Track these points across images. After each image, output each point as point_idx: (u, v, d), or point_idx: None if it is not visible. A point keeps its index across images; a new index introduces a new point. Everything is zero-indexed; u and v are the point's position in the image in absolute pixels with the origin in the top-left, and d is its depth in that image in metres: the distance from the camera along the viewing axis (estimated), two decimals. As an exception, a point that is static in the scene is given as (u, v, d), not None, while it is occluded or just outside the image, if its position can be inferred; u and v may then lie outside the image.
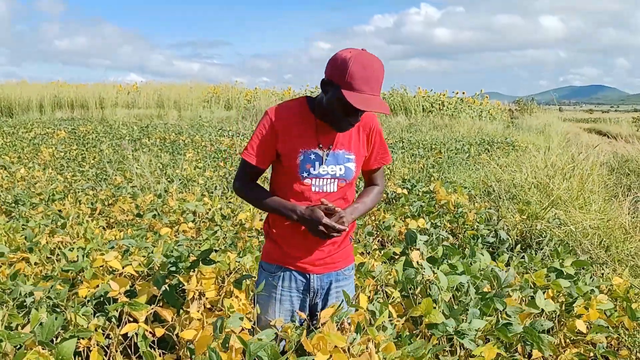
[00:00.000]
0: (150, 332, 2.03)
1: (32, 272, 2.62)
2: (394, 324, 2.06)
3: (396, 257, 3.30)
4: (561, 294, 2.60)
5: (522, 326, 2.14)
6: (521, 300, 2.52)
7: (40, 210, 4.36)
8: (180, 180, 6.46)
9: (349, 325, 1.90)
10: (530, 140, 13.08)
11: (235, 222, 4.11)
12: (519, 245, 3.99)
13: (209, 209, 4.34)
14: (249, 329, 1.99)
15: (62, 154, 9.00)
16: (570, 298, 2.55)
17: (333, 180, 1.90)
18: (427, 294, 2.26)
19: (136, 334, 1.98)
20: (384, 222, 4.06)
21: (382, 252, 3.20)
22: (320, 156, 1.87)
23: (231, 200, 5.22)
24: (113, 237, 3.40)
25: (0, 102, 21.16)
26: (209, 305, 2.31)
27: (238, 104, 24.34)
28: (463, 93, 23.40)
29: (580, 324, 2.38)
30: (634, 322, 2.52)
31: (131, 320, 2.04)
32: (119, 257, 2.52)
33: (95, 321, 2.01)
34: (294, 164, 1.86)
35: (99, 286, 2.26)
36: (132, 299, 2.09)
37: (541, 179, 5.68)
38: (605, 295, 2.62)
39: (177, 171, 7.22)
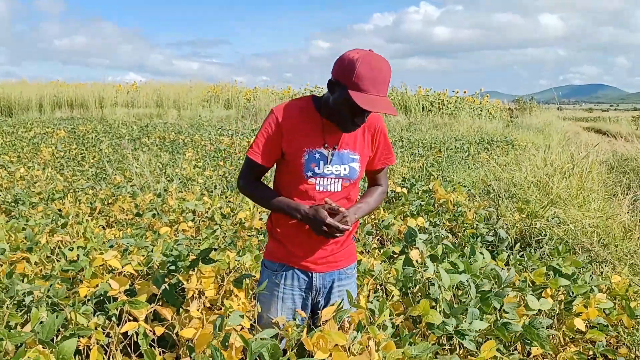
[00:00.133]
0: (150, 331, 2.04)
1: (33, 272, 2.62)
2: (393, 322, 2.07)
3: (395, 256, 3.31)
4: (560, 292, 2.60)
5: (522, 325, 2.14)
6: (520, 299, 2.52)
7: (40, 209, 4.36)
8: (179, 179, 6.46)
9: (350, 324, 1.91)
10: (529, 139, 13.09)
11: (235, 221, 4.11)
12: (518, 244, 4.00)
13: (209, 208, 4.34)
14: (248, 327, 1.99)
15: (62, 153, 9.00)
16: (570, 296, 2.55)
17: (337, 180, 1.90)
18: (427, 293, 2.26)
19: (136, 333, 1.99)
20: (383, 221, 4.07)
21: (382, 251, 3.21)
22: (325, 156, 1.87)
23: (231, 199, 5.22)
24: (113, 237, 3.40)
25: (0, 102, 21.16)
26: (208, 304, 2.31)
27: (237, 103, 24.33)
28: (464, 92, 23.40)
29: (579, 323, 2.38)
30: (633, 321, 2.52)
31: (131, 319, 2.05)
32: (119, 256, 2.53)
33: (95, 320, 2.01)
34: (299, 163, 1.86)
35: (99, 285, 2.27)
36: (132, 298, 2.09)
37: (540, 178, 5.68)
38: (604, 293, 2.62)
39: (177, 170, 7.22)
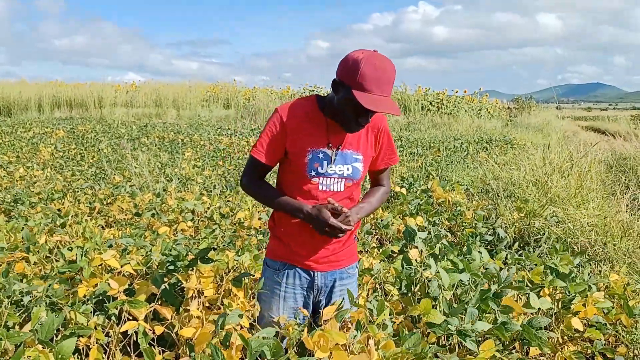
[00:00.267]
0: (150, 330, 2.04)
1: (32, 272, 2.62)
2: (392, 321, 2.07)
3: (394, 255, 3.31)
4: (558, 291, 2.61)
5: (520, 324, 2.15)
6: (517, 298, 2.53)
7: (39, 209, 4.36)
8: (178, 179, 6.46)
9: (351, 323, 1.91)
10: (528, 138, 13.11)
11: (234, 221, 4.11)
12: (517, 243, 4.01)
13: (208, 208, 4.34)
14: (247, 327, 2.00)
15: (61, 153, 9.00)
16: (567, 295, 2.56)
17: (340, 180, 1.91)
18: (427, 292, 2.27)
19: (136, 332, 1.99)
20: (382, 221, 4.07)
21: (381, 250, 3.21)
22: (329, 155, 1.88)
23: (230, 199, 5.22)
24: (112, 236, 3.40)
25: (-1, 102, 21.17)
26: (207, 304, 2.31)
27: (237, 103, 24.33)
28: (464, 92, 23.41)
29: (576, 322, 2.39)
30: (631, 319, 2.53)
31: (130, 318, 2.05)
32: (117, 256, 2.53)
33: (95, 319, 2.02)
34: (302, 163, 1.86)
35: (98, 285, 2.27)
36: (131, 298, 2.10)
37: (539, 177, 5.69)
38: (601, 292, 2.63)
39: (176, 170, 7.22)
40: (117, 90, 23.58)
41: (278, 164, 1.99)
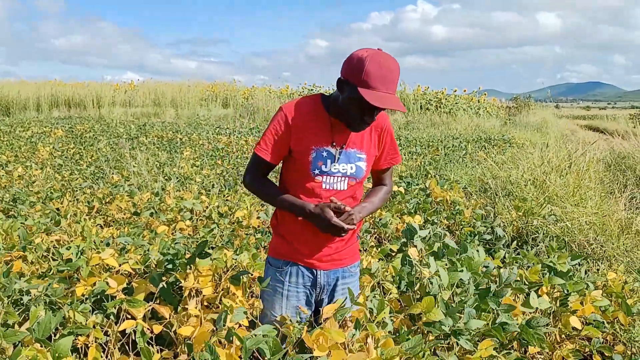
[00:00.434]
0: (148, 329, 2.04)
1: (29, 270, 2.62)
2: (391, 319, 2.08)
3: (393, 254, 3.31)
4: (556, 289, 2.62)
5: (518, 324, 2.15)
6: (515, 297, 2.53)
7: (38, 208, 4.36)
8: (177, 178, 6.45)
9: (351, 321, 1.92)
10: (527, 137, 13.12)
11: (233, 220, 4.11)
12: (515, 242, 4.01)
13: (206, 207, 4.34)
14: (246, 325, 2.00)
15: (60, 152, 8.98)
16: (565, 293, 2.56)
17: (344, 179, 1.91)
18: (426, 291, 2.27)
19: (134, 331, 1.99)
20: (380, 220, 4.07)
21: (379, 249, 3.22)
22: (333, 154, 1.88)
23: (228, 198, 5.22)
24: (110, 235, 3.40)
25: (-2, 101, 21.12)
26: (206, 303, 2.31)
27: (235, 102, 24.32)
28: (464, 91, 23.43)
29: (574, 321, 2.39)
30: (629, 318, 2.53)
31: (129, 317, 2.05)
32: (116, 255, 2.53)
33: (93, 318, 2.02)
34: (306, 161, 1.87)
35: (96, 284, 2.27)
36: (130, 297, 2.10)
37: (538, 176, 5.69)
38: (600, 290, 2.63)
39: (175, 169, 7.22)
40: (116, 90, 23.55)
41: (281, 162, 1.99)
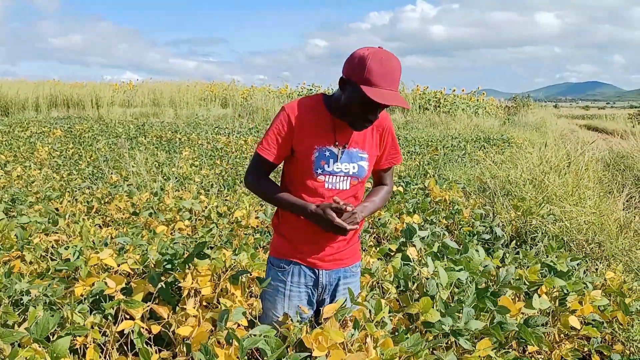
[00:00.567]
0: (147, 329, 2.04)
1: (28, 271, 2.62)
2: (390, 319, 2.07)
3: (392, 254, 3.31)
4: (555, 289, 2.62)
5: (517, 324, 2.15)
6: (515, 296, 2.53)
7: (37, 208, 4.35)
8: (176, 178, 6.45)
9: (351, 321, 1.92)
10: (526, 137, 13.13)
11: (232, 220, 4.11)
12: (514, 242, 4.02)
13: (205, 207, 4.34)
14: (245, 325, 2.00)
15: (59, 152, 8.97)
16: (564, 293, 2.57)
17: (346, 178, 1.91)
18: (425, 291, 2.27)
19: (132, 331, 1.99)
20: (379, 219, 4.07)
21: (378, 249, 3.22)
22: (335, 154, 1.88)
23: (227, 197, 5.22)
24: (108, 235, 3.40)
25: (-3, 101, 21.10)
26: (204, 303, 2.31)
27: (234, 101, 24.31)
28: (463, 90, 23.44)
29: (574, 320, 2.39)
30: (627, 317, 2.54)
31: (127, 317, 2.05)
32: (114, 255, 2.52)
33: (91, 318, 2.01)
34: (309, 161, 1.87)
35: (95, 284, 2.27)
36: (128, 297, 2.09)
37: (536, 175, 5.70)
38: (599, 290, 2.64)
39: (174, 169, 7.21)
40: (115, 90, 23.53)
41: (283, 162, 1.99)
